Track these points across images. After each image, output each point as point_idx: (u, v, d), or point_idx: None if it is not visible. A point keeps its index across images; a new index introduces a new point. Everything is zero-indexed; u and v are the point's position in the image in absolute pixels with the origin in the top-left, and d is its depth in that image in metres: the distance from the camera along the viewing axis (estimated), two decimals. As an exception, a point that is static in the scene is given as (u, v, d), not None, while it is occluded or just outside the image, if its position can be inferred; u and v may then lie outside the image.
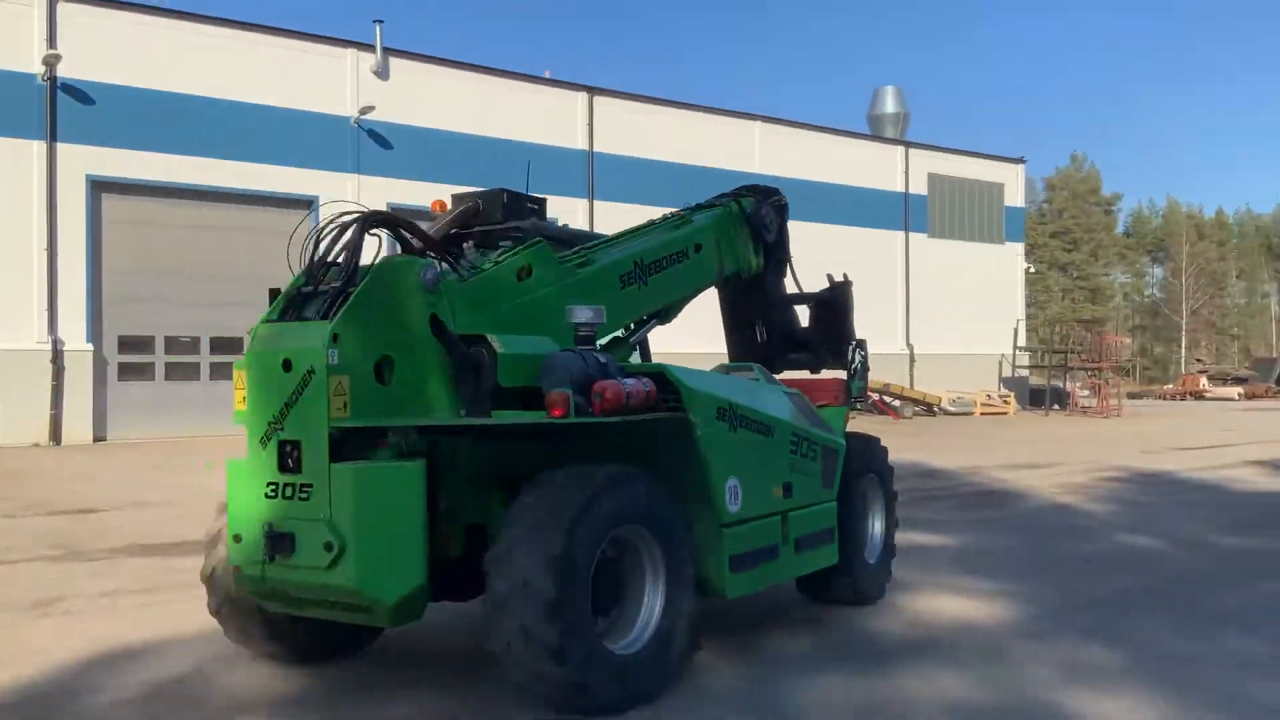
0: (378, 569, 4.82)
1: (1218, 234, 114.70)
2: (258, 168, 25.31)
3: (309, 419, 4.89)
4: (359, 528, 4.78)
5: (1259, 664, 6.06)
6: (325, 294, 5.16)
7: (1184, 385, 66.21)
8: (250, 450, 5.11)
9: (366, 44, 27.18)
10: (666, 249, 7.12)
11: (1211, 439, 25.22)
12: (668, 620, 5.32)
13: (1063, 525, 11.56)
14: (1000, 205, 43.24)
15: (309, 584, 4.92)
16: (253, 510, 5.06)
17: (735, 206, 7.84)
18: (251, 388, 5.13)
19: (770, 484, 6.23)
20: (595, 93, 31.69)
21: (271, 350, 5.07)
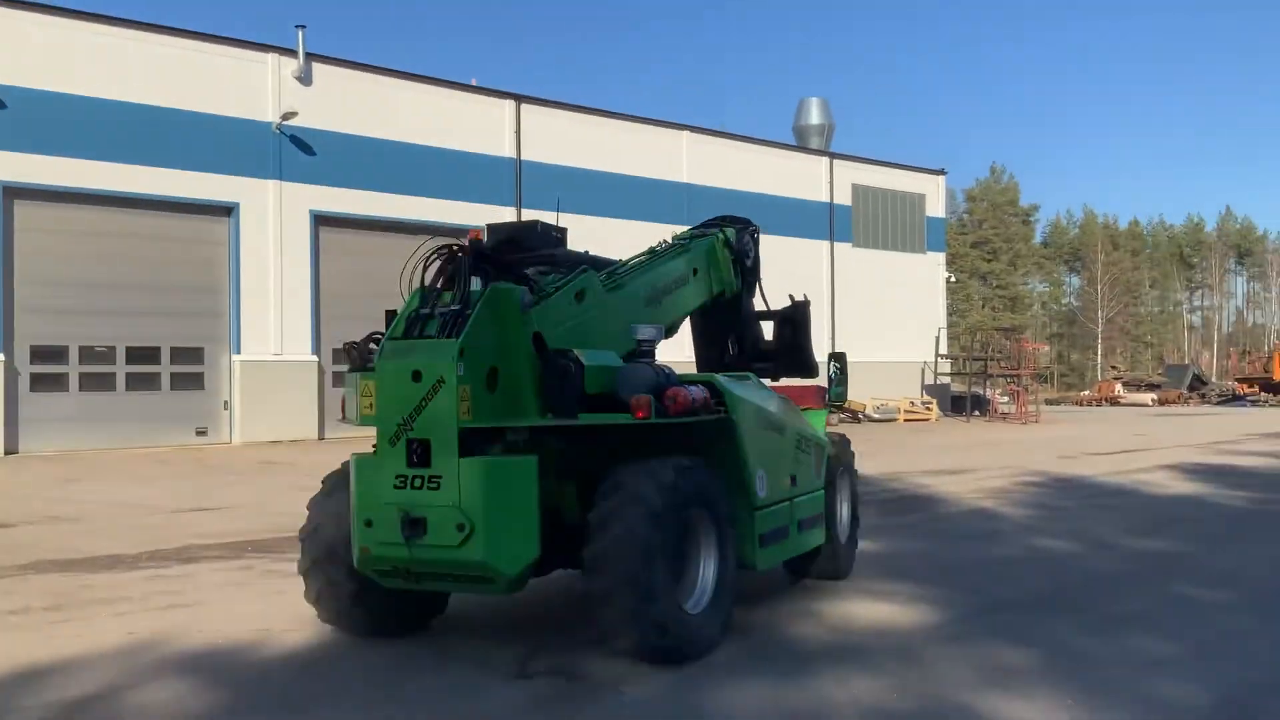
0: (502, 546, 5.77)
1: (1132, 244, 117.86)
2: (176, 174, 24.79)
3: (438, 421, 5.75)
4: (487, 512, 5.69)
5: (1165, 663, 6.24)
6: (442, 315, 6.06)
7: (1100, 391, 67.83)
8: (380, 447, 5.93)
9: (289, 49, 26.81)
10: (674, 273, 8.17)
11: (1125, 444, 25.89)
12: (719, 588, 6.40)
13: (980, 529, 11.79)
14: (922, 216, 44.00)
15: (440, 560, 5.82)
16: (383, 499, 5.85)
17: (722, 235, 8.86)
18: (381, 395, 5.98)
19: (784, 475, 7.44)
20: (522, 101, 31.62)
21: (401, 363, 5.90)
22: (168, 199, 24.78)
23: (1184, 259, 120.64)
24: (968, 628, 7.10)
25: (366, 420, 6.15)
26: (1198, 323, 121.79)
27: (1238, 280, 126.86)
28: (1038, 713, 5.34)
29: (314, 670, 6.09)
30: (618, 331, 7.04)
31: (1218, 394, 64.62)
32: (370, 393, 6.11)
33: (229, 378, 25.66)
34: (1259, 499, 14.57)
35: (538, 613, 7.46)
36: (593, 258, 7.72)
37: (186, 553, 10.35)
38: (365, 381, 6.15)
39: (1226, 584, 8.61)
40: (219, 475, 18.48)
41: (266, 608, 7.74)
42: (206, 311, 25.56)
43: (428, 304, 6.21)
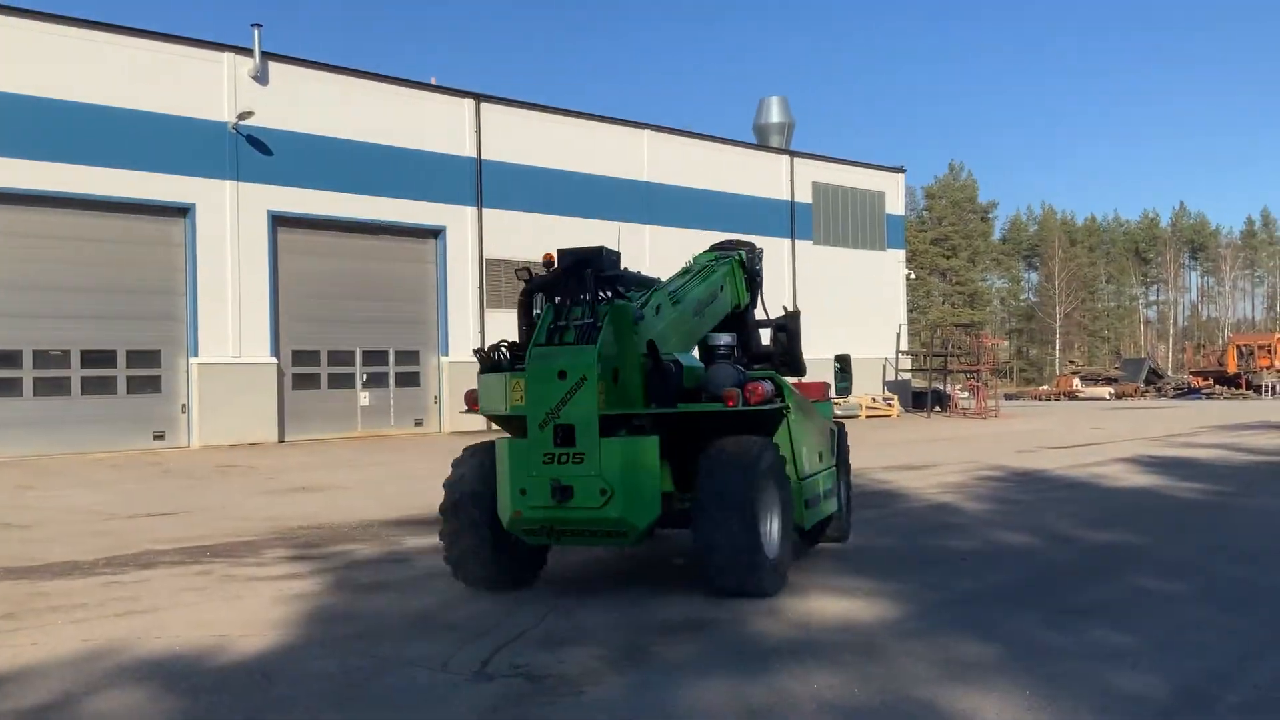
0: (635, 506, 7.31)
1: (1089, 240, 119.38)
2: (130, 175, 24.53)
3: (582, 410, 7.27)
4: (624, 480, 7.26)
5: (1124, 654, 6.30)
6: (577, 326, 7.49)
7: (1058, 386, 68.64)
8: (530, 431, 7.42)
9: (245, 48, 26.54)
10: (709, 290, 9.52)
11: (1082, 438, 26.20)
12: (782, 543, 7.90)
13: (941, 524, 11.88)
14: (882, 213, 44.32)
15: (584, 519, 7.38)
16: (534, 472, 7.35)
17: (739, 256, 10.24)
18: (530, 390, 7.47)
19: (815, 453, 9.07)
20: (482, 100, 31.51)
21: (549, 365, 7.40)
22: (122, 200, 24.49)
23: (1139, 254, 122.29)
24: (928, 622, 7.14)
25: (516, 409, 7.65)
26: (1153, 317, 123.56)
27: (1192, 275, 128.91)
28: (997, 706, 5.38)
29: (273, 676, 6.02)
30: (683, 337, 8.78)
31: (1173, 387, 65.62)
32: (519, 388, 7.61)
33: (187, 381, 25.39)
34: (1214, 491, 14.78)
35: (498, 615, 7.43)
36: (643, 277, 9.27)
37: (144, 558, 10.21)
38: (514, 379, 7.70)
39: (1183, 575, 8.72)
40: (177, 480, 18.27)
41: (225, 613, 7.66)
42: (163, 314, 25.27)
43: (562, 317, 7.63)
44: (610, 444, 7.31)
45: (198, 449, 24.71)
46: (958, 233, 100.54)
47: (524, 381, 7.56)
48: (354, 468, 19.97)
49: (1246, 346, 64.53)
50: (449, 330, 30.41)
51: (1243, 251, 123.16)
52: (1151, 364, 74.49)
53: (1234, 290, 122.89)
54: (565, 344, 7.45)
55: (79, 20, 24.36)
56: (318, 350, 28.02)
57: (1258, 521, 11.85)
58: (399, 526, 12.17)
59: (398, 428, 29.48)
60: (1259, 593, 8.04)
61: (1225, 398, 57.92)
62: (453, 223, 30.62)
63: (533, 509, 7.42)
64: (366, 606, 7.82)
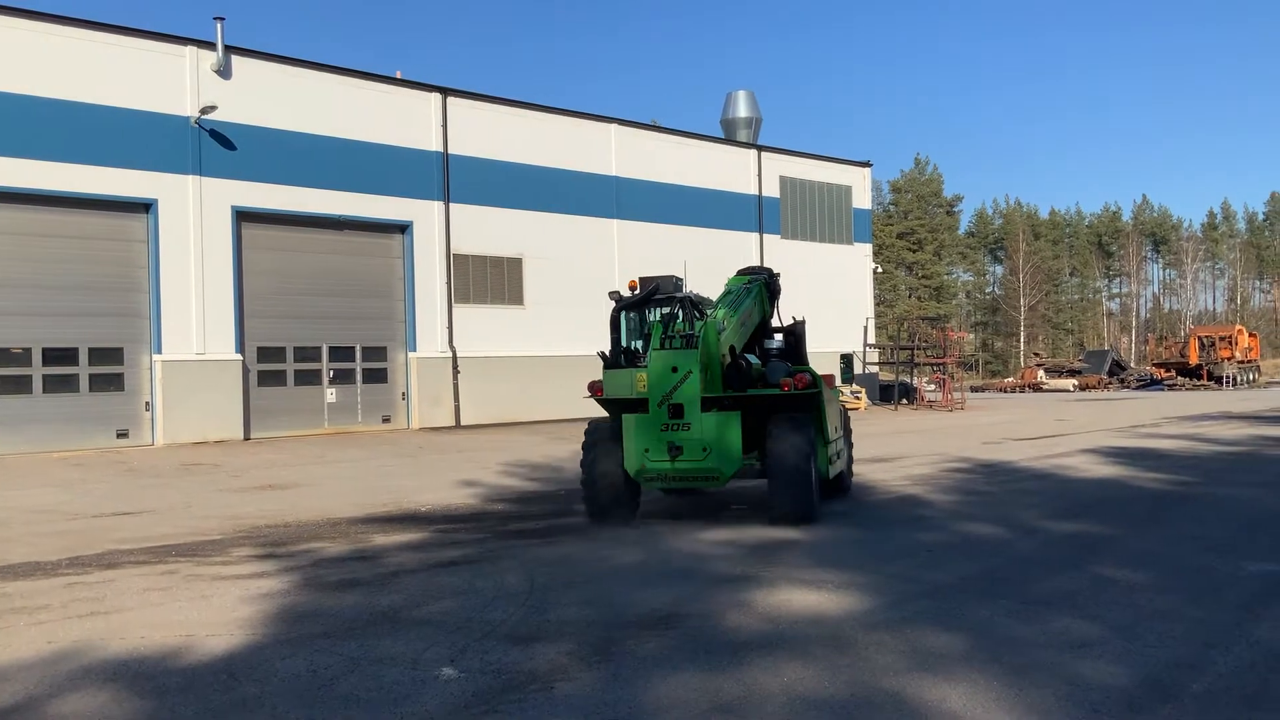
0: (725, 460, 10.80)
1: (1052, 233, 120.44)
2: (91, 170, 24.17)
3: (688, 394, 10.76)
4: (717, 441, 10.74)
5: (1089, 644, 6.36)
6: (683, 336, 11.23)
7: (1023, 378, 69.22)
8: (651, 408, 10.89)
9: (207, 41, 26.24)
10: (750, 306, 12.73)
11: (1047, 429, 26.44)
12: (818, 486, 11.31)
13: (909, 516, 11.96)
14: (848, 207, 44.47)
15: (689, 469, 10.86)
16: (654, 437, 10.85)
17: (765, 278, 13.64)
18: (652, 378, 10.92)
19: (834, 425, 12.71)
20: (449, 94, 31.33)
21: (665, 362, 10.87)
22: (83, 196, 24.14)
23: (1102, 248, 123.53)
24: (897, 613, 7.19)
25: (641, 393, 11.16)
26: (1116, 309, 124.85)
27: (1154, 268, 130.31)
28: (965, 695, 5.42)
29: (240, 676, 5.97)
30: (737, 341, 11.93)
31: (1136, 379, 66.32)
32: (643, 379, 11.16)
33: (150, 378, 25.10)
34: (1177, 481, 14.96)
35: (468, 612, 7.41)
36: (697, 296, 12.67)
37: (108, 558, 10.10)
38: (639, 372, 11.36)
39: (1147, 565, 8.82)
40: (141, 478, 18.07)
41: (191, 613, 7.59)
42: (126, 311, 24.96)
43: (669, 330, 11.62)
44: (707, 417, 10.80)
45: (162, 447, 24.45)
46: (924, 226, 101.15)
47: (646, 374, 11.06)
48: (321, 465, 19.84)
49: (1208, 338, 65.29)
50: (417, 326, 30.24)
51: (1204, 244, 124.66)
52: (1114, 356, 75.23)
53: (1195, 282, 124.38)
54: (675, 349, 10.97)
55: (38, 13, 23.95)
56: (283, 347, 27.78)
57: (1221, 511, 12.00)
58: (367, 524, 12.10)
59: (365, 424, 29.29)
60: (1222, 582, 8.14)
61: (1187, 389, 58.63)
62: (420, 218, 30.44)
63: (654, 462, 10.92)
64: (334, 605, 7.76)
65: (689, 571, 8.80)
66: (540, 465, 18.52)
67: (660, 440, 10.80)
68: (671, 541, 10.40)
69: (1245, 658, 6.08)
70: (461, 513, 12.98)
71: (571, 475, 17.09)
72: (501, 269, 32.38)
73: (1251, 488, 14.00)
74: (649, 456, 10.87)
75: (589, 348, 34.66)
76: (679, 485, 11.45)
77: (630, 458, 10.99)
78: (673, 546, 10.12)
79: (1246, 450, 19.56)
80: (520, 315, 32.73)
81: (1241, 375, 62.15)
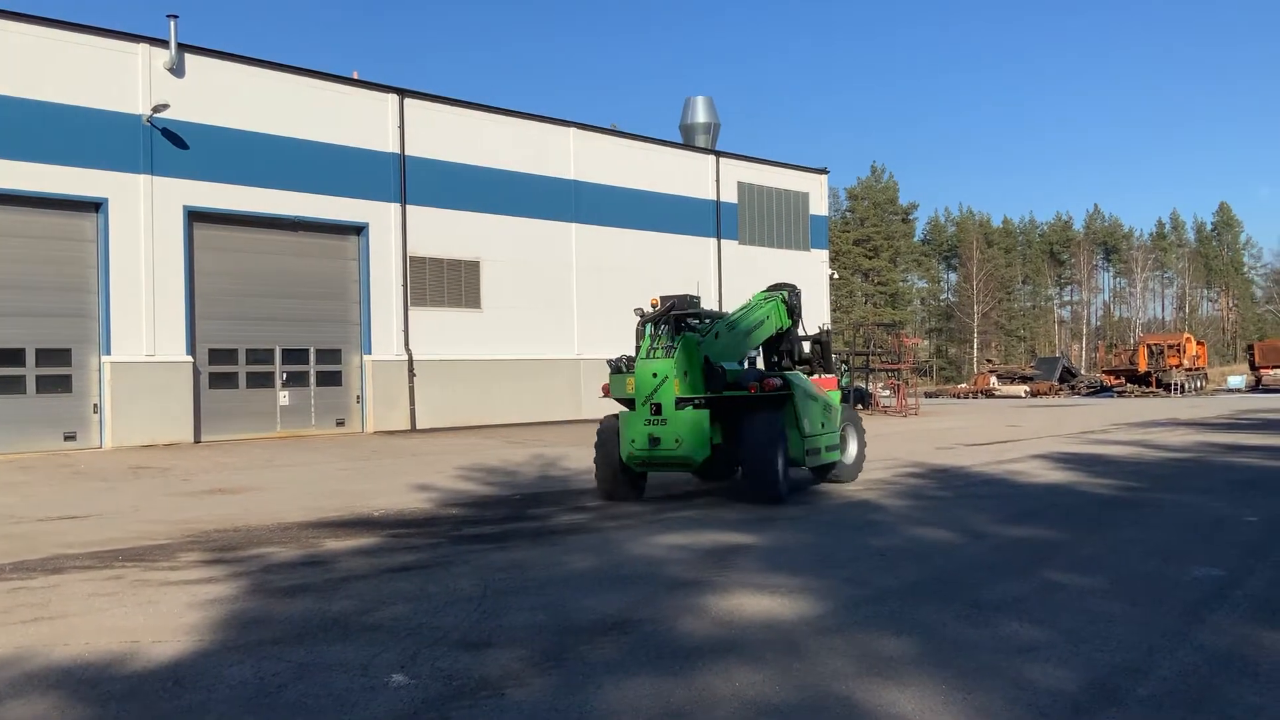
0: (694, 448, 12.89)
1: (1005, 241, 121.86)
2: (40, 168, 23.76)
3: (666, 395, 13.03)
4: (688, 434, 12.88)
5: (1037, 648, 6.44)
6: (665, 348, 13.33)
7: (976, 384, 69.83)
8: (637, 407, 13.28)
9: (160, 39, 25.91)
10: (758, 320, 15.07)
11: (999, 435, 26.72)
12: (784, 472, 13.36)
13: (862, 520, 12.03)
14: (806, 213, 44.74)
15: (665, 456, 13.09)
16: (640, 430, 13.17)
17: (781, 296, 15.82)
18: (638, 383, 13.27)
19: (817, 422, 14.40)
20: (406, 95, 31.15)
21: (647, 369, 13.23)
22: (32, 194, 23.74)
23: (1054, 256, 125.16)
24: (849, 618, 7.23)
25: (630, 395, 13.52)
26: (1067, 317, 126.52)
27: (1105, 276, 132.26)
28: (915, 699, 5.46)
29: (186, 683, 5.88)
30: (734, 350, 14.26)
31: (1086, 385, 67.16)
32: (632, 383, 13.48)
33: (99, 380, 24.72)
34: (1126, 486, 15.17)
35: (420, 618, 7.36)
36: (711, 311, 14.89)
37: (53, 563, 9.93)
38: (629, 377, 13.60)
39: (1095, 570, 8.94)
40: (88, 481, 17.78)
41: (137, 619, 7.47)
42: (75, 311, 24.57)
43: (655, 342, 13.58)
44: (680, 414, 13.08)
45: (110, 450, 24.07)
46: (879, 233, 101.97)
47: (634, 379, 13.42)
48: (273, 468, 19.62)
49: (1157, 346, 66.28)
50: (372, 329, 30.02)
51: (1153, 253, 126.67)
52: (1065, 363, 76.17)
53: (1145, 291, 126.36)
54: (656, 358, 13.32)
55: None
56: (236, 349, 27.47)
57: (1168, 517, 12.18)
58: (318, 528, 11.98)
59: (319, 427, 29.03)
60: (1168, 587, 8.26)
61: (1136, 396, 59.48)
62: (376, 219, 30.23)
63: (638, 450, 13.31)
64: (284, 611, 7.67)
65: (643, 576, 8.80)
66: (496, 469, 18.43)
67: (644, 432, 13.15)
68: (626, 547, 10.40)
69: (1189, 661, 6.17)
70: (415, 517, 12.89)
71: (527, 479, 17.04)
72: (459, 271, 32.23)
73: (1197, 494, 14.23)
74: (634, 445, 13.26)
75: (547, 351, 34.62)
76: (660, 469, 13.68)
77: (623, 446, 13.46)
78: (627, 552, 10.12)
79: (1193, 456, 19.88)
80: (477, 318, 32.59)
81: (1189, 383, 63.15)
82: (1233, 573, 8.78)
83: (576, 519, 12.49)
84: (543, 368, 33.91)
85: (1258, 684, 5.75)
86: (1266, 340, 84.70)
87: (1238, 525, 11.43)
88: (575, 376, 34.44)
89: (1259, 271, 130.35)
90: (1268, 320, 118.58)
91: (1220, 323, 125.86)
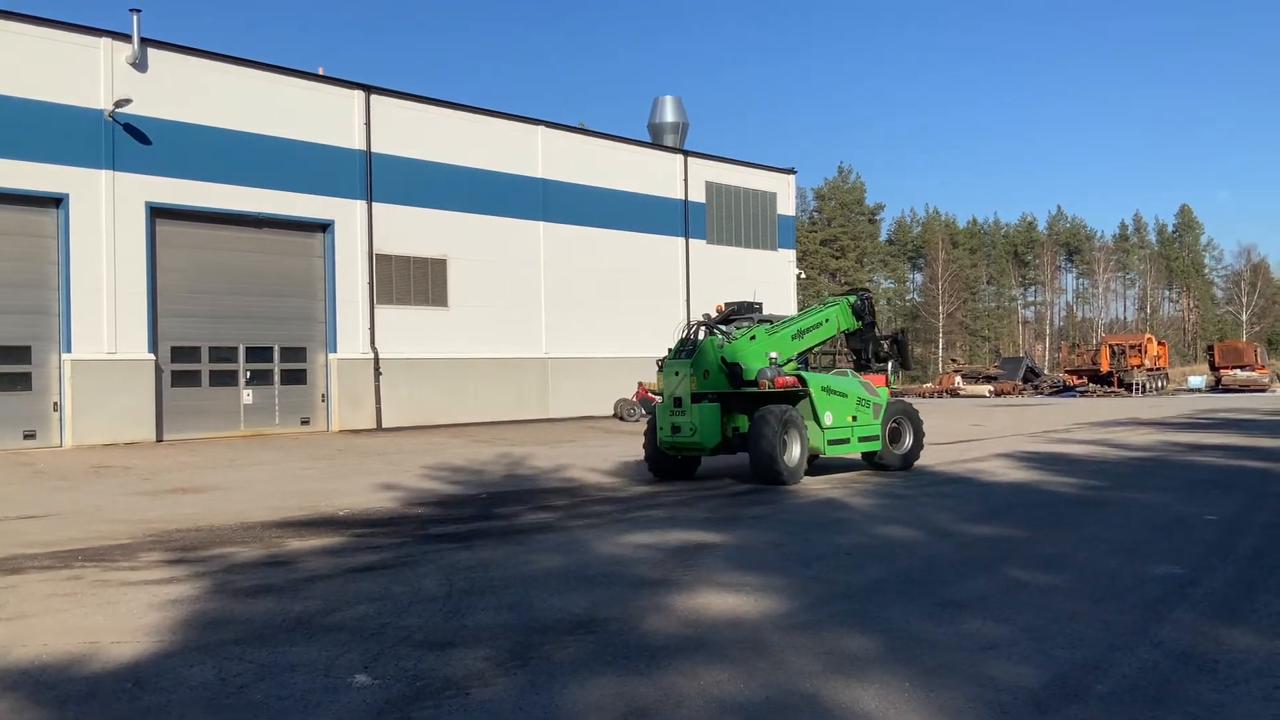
0: (706, 436, 15.53)
1: (970, 242, 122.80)
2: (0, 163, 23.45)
3: (683, 391, 15.67)
4: (701, 424, 15.49)
5: (999, 645, 6.48)
6: (686, 350, 15.98)
7: (941, 384, 70.33)
8: (665, 400, 15.91)
9: (123, 33, 25.62)
10: (812, 321, 17.18)
11: (963, 434, 26.90)
12: (800, 459, 15.42)
13: (827, 519, 12.08)
14: (773, 213, 44.90)
15: (685, 443, 15.69)
16: (666, 420, 15.83)
17: (848, 300, 17.90)
18: (666, 379, 15.93)
19: (845, 415, 16.25)
20: (372, 91, 30.98)
21: (671, 368, 15.89)
22: (-11, 189, 23.41)
23: (1018, 257, 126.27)
24: (814, 616, 7.25)
25: (660, 390, 16.02)
26: (1031, 317, 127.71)
27: (1068, 277, 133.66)
28: (878, 697, 5.48)
29: (145, 684, 5.81)
30: (785, 348, 16.20)
31: (1049, 385, 67.81)
32: (661, 380, 15.93)
33: (59, 378, 24.42)
34: (1088, 485, 15.32)
35: (384, 618, 7.31)
36: (767, 315, 17.12)
37: (11, 563, 9.78)
38: (660, 375, 15.95)
39: (1057, 568, 9.02)
40: (48, 480, 17.55)
41: (96, 619, 7.37)
42: (34, 308, 24.26)
43: (682, 344, 16.01)
44: (696, 408, 15.41)
45: (71, 449, 23.78)
46: (846, 234, 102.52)
47: (663, 376, 15.90)
48: (236, 468, 19.44)
49: (1119, 346, 66.99)
50: (338, 327, 29.84)
51: (1115, 254, 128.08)
52: (1029, 362, 76.88)
53: (1107, 292, 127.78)
54: (679, 359, 15.75)
55: (-58, -1, 23.24)
56: (199, 346, 27.22)
57: (1130, 515, 12.30)
58: (282, 528, 11.88)
59: (283, 426, 28.81)
60: (1129, 585, 8.34)
61: (1099, 395, 60.10)
62: (341, 217, 30.05)
63: (665, 436, 15.79)
64: (246, 611, 7.60)
65: (609, 576, 8.79)
66: (462, 468, 18.36)
67: (669, 422, 15.73)
68: (593, 546, 10.38)
69: (1149, 659, 6.23)
70: (380, 517, 12.81)
71: (493, 478, 16.99)
72: (425, 269, 32.08)
73: (1158, 492, 14.39)
74: (664, 433, 15.84)
75: (514, 350, 34.53)
76: (684, 452, 15.95)
77: (658, 433, 15.98)
78: (593, 551, 10.10)
79: (1154, 456, 20.11)
80: (444, 317, 32.46)
81: (1150, 383, 63.92)
82: (1193, 571, 8.87)
83: (543, 518, 12.46)
84: (510, 367, 33.81)
85: (1216, 680, 5.81)
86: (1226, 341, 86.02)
87: (1198, 524, 11.56)
88: (543, 375, 34.38)
89: (1219, 273, 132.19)
90: (1227, 321, 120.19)
91: (1181, 323, 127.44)
